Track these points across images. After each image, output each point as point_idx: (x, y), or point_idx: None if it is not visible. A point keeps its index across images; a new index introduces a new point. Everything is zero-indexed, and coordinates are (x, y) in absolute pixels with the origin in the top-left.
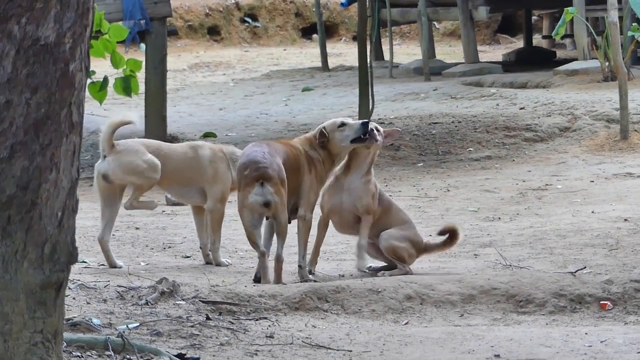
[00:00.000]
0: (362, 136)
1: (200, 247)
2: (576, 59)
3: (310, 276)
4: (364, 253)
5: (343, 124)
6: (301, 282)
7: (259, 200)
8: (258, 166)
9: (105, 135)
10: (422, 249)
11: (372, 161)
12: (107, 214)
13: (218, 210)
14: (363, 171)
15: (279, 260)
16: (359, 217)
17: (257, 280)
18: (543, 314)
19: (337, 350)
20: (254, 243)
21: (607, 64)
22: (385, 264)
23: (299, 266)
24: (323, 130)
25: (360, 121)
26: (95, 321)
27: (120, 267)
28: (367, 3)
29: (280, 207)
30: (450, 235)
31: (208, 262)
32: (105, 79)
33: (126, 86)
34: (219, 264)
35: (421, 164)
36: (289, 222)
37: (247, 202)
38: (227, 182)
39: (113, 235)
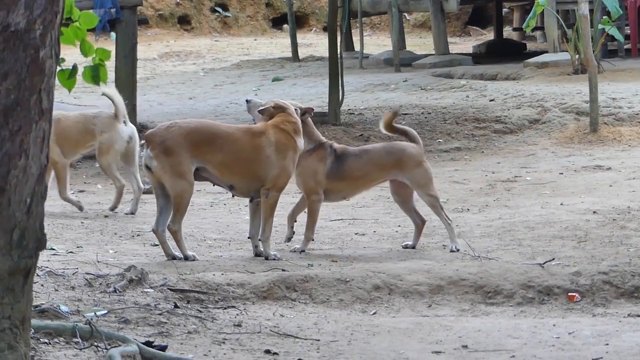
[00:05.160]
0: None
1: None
2: (546, 52)
3: (272, 253)
4: (307, 244)
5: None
6: (264, 259)
7: (142, 162)
8: (147, 131)
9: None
10: None
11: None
12: None
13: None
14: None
15: (169, 230)
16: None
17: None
18: (511, 305)
19: (305, 339)
20: None
21: (577, 56)
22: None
23: (260, 241)
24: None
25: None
26: (63, 308)
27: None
28: None
29: (162, 174)
30: None
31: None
32: (75, 67)
33: (95, 75)
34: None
35: None
36: (251, 201)
37: None
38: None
39: (81, 222)
